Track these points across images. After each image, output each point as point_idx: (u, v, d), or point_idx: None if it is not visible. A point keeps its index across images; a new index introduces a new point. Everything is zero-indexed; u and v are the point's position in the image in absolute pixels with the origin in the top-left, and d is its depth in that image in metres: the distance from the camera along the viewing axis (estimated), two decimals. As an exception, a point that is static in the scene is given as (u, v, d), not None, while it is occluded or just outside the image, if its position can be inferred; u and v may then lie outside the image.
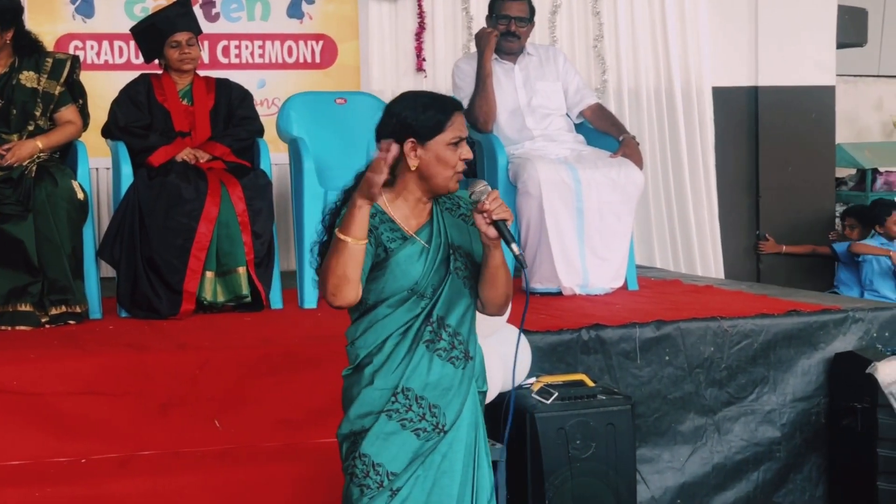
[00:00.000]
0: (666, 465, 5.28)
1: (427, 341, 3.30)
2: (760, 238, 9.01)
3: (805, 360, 5.52)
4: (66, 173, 5.56)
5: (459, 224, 3.38)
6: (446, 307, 3.32)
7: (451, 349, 3.32)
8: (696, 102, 8.58)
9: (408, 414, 3.29)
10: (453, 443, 3.32)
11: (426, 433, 3.30)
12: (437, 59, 8.00)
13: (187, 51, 6.00)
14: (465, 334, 3.36)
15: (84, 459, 4.46)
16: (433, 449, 3.30)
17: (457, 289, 3.34)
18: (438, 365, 3.31)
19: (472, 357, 3.38)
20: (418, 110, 3.30)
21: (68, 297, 5.48)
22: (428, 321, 3.30)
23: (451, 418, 3.32)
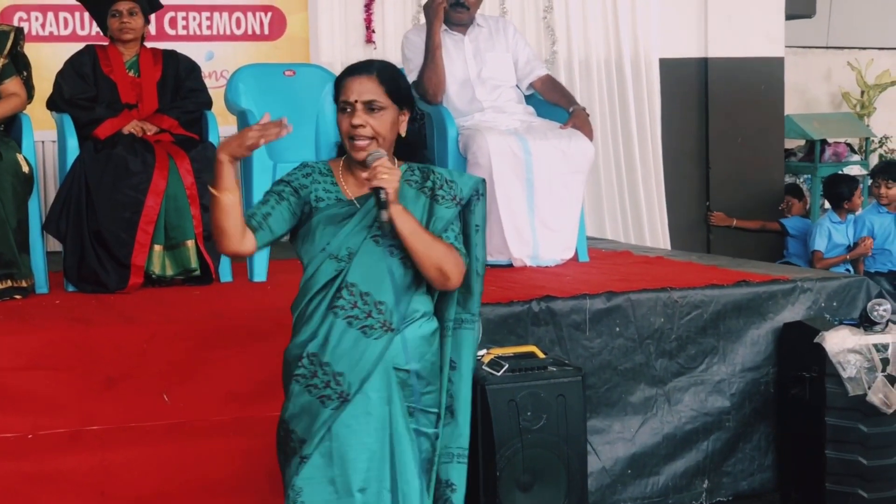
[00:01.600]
0: (617, 436, 5.30)
1: (336, 307, 3.29)
2: (709, 210, 9.06)
3: (754, 330, 5.55)
4: (11, 146, 5.48)
5: (411, 196, 3.37)
6: (361, 274, 3.29)
7: (364, 318, 3.28)
8: (645, 74, 8.61)
9: (313, 380, 3.29)
10: (359, 415, 3.28)
11: (331, 401, 3.28)
12: (386, 30, 7.98)
13: (126, 20, 5.92)
14: (390, 304, 3.30)
15: (31, 435, 4.42)
16: (336, 419, 3.27)
17: (377, 256, 3.31)
18: (350, 334, 3.28)
19: (394, 329, 3.31)
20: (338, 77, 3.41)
21: (14, 271, 5.41)
22: (341, 286, 3.28)
23: (355, 388, 3.28)
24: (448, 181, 3.41)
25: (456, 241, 3.38)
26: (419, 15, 7.87)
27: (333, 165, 3.43)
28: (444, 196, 3.39)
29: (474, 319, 3.53)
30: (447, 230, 3.37)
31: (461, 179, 3.44)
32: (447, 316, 3.48)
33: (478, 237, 3.48)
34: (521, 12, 8.30)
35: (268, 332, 4.78)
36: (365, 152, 3.31)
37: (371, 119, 3.32)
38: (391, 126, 3.37)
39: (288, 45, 7.75)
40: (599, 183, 8.40)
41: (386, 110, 3.34)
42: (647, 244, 8.35)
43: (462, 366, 3.50)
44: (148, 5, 6.05)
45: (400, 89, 3.39)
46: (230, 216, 3.26)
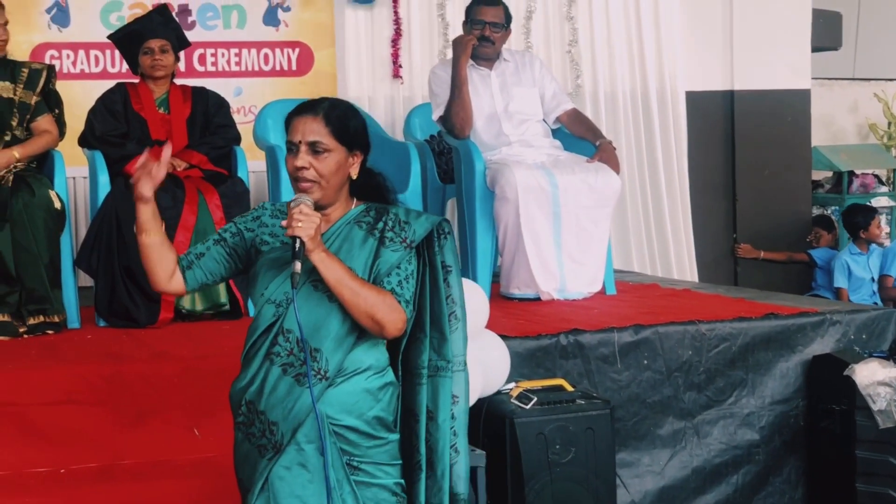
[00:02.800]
0: (646, 469, 5.29)
1: (273, 354, 3.16)
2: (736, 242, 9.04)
3: (783, 362, 5.54)
4: (44, 183, 5.54)
5: (357, 238, 3.23)
6: (300, 320, 3.11)
7: (299, 365, 3.13)
8: (671, 107, 8.60)
9: (251, 428, 3.18)
10: (293, 466, 3.15)
11: (266, 451, 3.16)
12: (413, 65, 8.01)
13: (158, 57, 5.98)
14: (326, 352, 3.14)
15: (63, 469, 4.44)
16: (271, 469, 3.15)
17: (315, 302, 3.16)
18: (284, 382, 3.14)
19: (329, 378, 3.14)
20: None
21: (46, 306, 5.46)
22: (280, 332, 3.16)
23: (288, 437, 3.14)
24: (401, 222, 3.24)
25: (399, 286, 3.19)
26: (446, 50, 7.91)
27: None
28: (392, 238, 3.21)
29: (452, 367, 3.34)
30: (390, 274, 3.18)
31: (417, 221, 3.25)
32: (419, 363, 3.32)
33: (452, 279, 3.33)
34: (547, 45, 8.32)
35: (297, 367, 4.80)
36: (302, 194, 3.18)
37: (315, 161, 3.17)
38: (337, 169, 3.20)
39: (315, 81, 7.79)
40: (626, 216, 8.40)
41: (331, 152, 3.18)
42: (674, 277, 8.34)
43: (439, 416, 3.33)
44: (177, 42, 6.12)
45: (348, 131, 3.22)
46: (151, 256, 3.26)
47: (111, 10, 7.40)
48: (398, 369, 3.34)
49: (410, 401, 3.34)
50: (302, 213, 3.08)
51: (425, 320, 3.32)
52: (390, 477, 3.25)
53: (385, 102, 7.96)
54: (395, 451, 3.28)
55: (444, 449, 3.34)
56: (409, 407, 3.34)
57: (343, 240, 3.23)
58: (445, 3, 8.04)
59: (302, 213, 3.08)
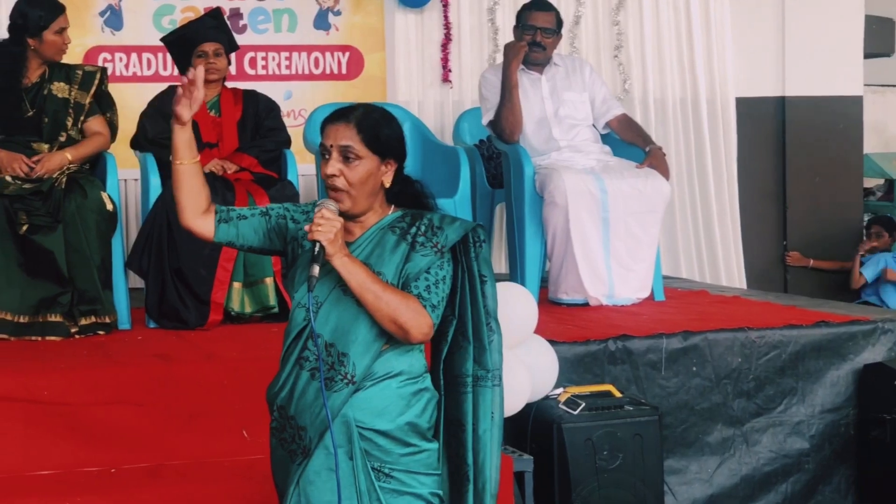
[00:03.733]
0: (694, 477, 5.27)
1: (302, 359, 3.15)
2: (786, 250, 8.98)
3: (834, 371, 5.51)
4: (96, 185, 5.59)
5: (394, 246, 3.18)
6: (328, 325, 3.12)
7: (327, 370, 3.10)
8: (721, 113, 8.57)
9: (283, 433, 3.17)
10: (321, 471, 3.12)
11: (297, 456, 3.14)
12: (462, 69, 8.02)
13: (213, 61, 6.03)
14: (355, 357, 3.11)
15: (113, 469, 4.48)
16: (302, 474, 3.13)
17: (345, 307, 3.13)
18: (310, 385, 3.12)
19: (356, 383, 3.11)
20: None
21: (97, 307, 5.51)
22: (308, 337, 3.13)
23: (315, 442, 3.11)
24: (434, 227, 3.18)
25: (426, 291, 3.13)
26: (496, 54, 7.92)
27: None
28: (423, 243, 3.16)
29: (491, 378, 3.27)
30: (418, 278, 3.13)
31: (451, 227, 3.20)
32: (463, 371, 3.27)
33: (488, 288, 3.25)
34: (595, 51, 8.30)
35: (346, 370, 4.82)
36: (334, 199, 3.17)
37: (346, 168, 3.14)
38: (367, 177, 3.16)
39: (365, 85, 7.82)
40: (675, 222, 8.37)
41: (362, 160, 3.15)
42: (722, 283, 8.30)
43: (480, 427, 3.26)
44: (229, 46, 6.16)
45: (379, 139, 3.17)
46: (182, 184, 3.22)
47: (164, 14, 7.46)
48: (440, 378, 3.29)
49: (455, 410, 3.29)
50: (323, 218, 3.06)
51: (468, 327, 3.28)
52: (425, 487, 3.19)
53: (434, 107, 7.97)
54: (433, 461, 3.23)
55: (483, 461, 3.28)
56: (455, 416, 3.29)
57: (375, 244, 3.20)
58: (496, 7, 8.04)
59: (323, 217, 3.07)
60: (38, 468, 4.43)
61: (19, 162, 5.55)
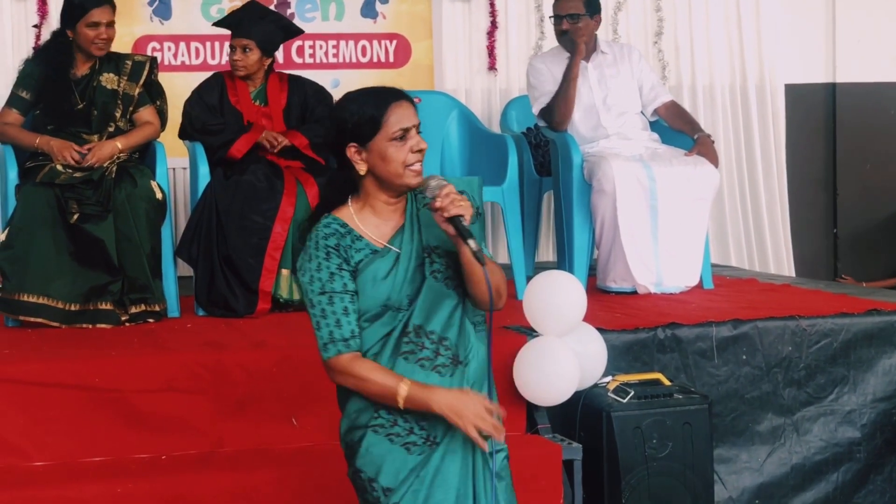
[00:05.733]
0: (743, 466, 5.25)
1: (406, 353, 3.14)
2: (838, 275, 8.88)
3: (886, 359, 5.46)
4: (145, 173, 5.62)
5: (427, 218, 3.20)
6: (425, 314, 3.14)
7: (434, 357, 3.14)
8: (770, 100, 8.51)
9: (394, 429, 3.15)
10: (446, 455, 3.15)
11: (417, 447, 3.14)
12: (510, 57, 8.00)
13: (238, 57, 6.00)
14: (454, 338, 3.17)
15: (164, 456, 4.52)
16: (425, 463, 3.14)
17: (437, 292, 3.17)
18: (422, 376, 3.12)
19: (462, 362, 3.19)
20: (353, 111, 3.17)
21: (147, 295, 5.54)
22: (405, 332, 3.14)
23: (443, 430, 3.14)
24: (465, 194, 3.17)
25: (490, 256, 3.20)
26: (542, 42, 7.90)
27: (343, 216, 3.21)
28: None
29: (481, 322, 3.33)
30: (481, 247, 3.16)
31: (469, 187, 3.28)
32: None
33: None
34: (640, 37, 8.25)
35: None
36: (420, 177, 3.16)
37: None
38: None
39: (413, 73, 7.81)
40: (724, 210, 8.33)
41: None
42: (771, 272, 8.25)
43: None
44: (272, 38, 6.12)
45: None
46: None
47: (212, 3, 7.48)
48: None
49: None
50: (455, 192, 3.07)
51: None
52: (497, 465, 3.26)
53: (482, 94, 7.96)
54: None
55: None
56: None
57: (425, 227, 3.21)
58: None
59: (454, 191, 3.07)
60: (89, 455, 4.48)
61: (70, 150, 5.59)
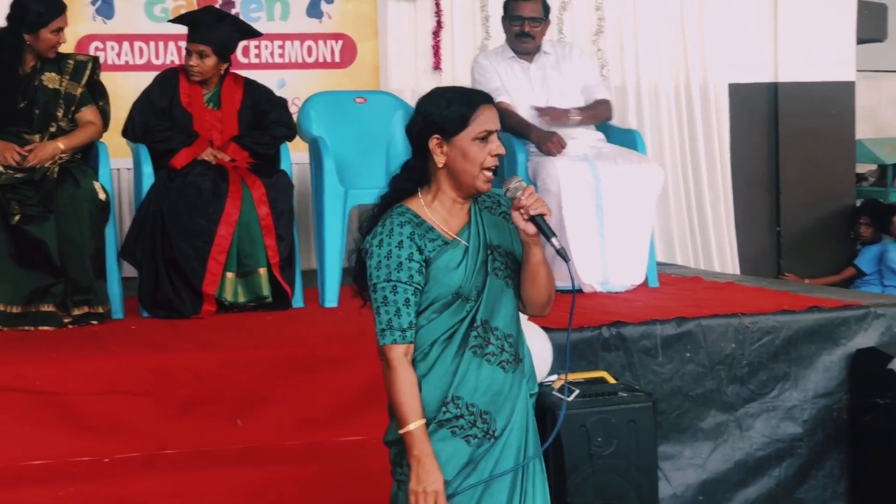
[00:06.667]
0: (688, 462, 5.28)
1: (474, 346, 3.19)
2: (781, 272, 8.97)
3: (826, 356, 5.51)
4: (88, 174, 5.58)
5: (499, 222, 3.28)
6: (490, 309, 3.21)
7: (500, 353, 3.22)
8: (714, 99, 8.58)
9: (458, 422, 3.18)
10: (504, 448, 3.22)
11: (477, 439, 3.19)
12: (455, 56, 8.01)
13: (194, 63, 5.96)
14: (516, 336, 3.28)
15: (107, 458, 4.49)
16: (484, 455, 3.20)
17: (498, 289, 3.24)
18: (487, 370, 3.19)
19: (521, 359, 3.29)
20: (443, 105, 3.21)
21: (90, 297, 5.50)
22: (473, 325, 3.20)
23: (502, 424, 3.22)
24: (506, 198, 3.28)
25: None
26: (487, 41, 7.91)
27: (414, 207, 3.25)
28: (508, 215, 3.27)
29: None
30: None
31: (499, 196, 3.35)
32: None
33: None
34: (584, 37, 8.28)
35: (340, 358, 4.83)
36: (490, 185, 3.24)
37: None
38: None
39: (358, 73, 7.81)
40: (669, 208, 8.38)
41: None
42: (716, 269, 8.31)
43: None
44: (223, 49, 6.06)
45: None
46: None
47: (155, 2, 7.44)
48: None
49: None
50: (534, 193, 3.15)
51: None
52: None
53: (427, 94, 7.95)
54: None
55: None
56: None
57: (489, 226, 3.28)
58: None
59: (534, 192, 3.16)
60: (31, 458, 4.44)
61: (11, 151, 5.54)
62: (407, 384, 3.14)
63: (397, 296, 3.15)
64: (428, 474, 3.10)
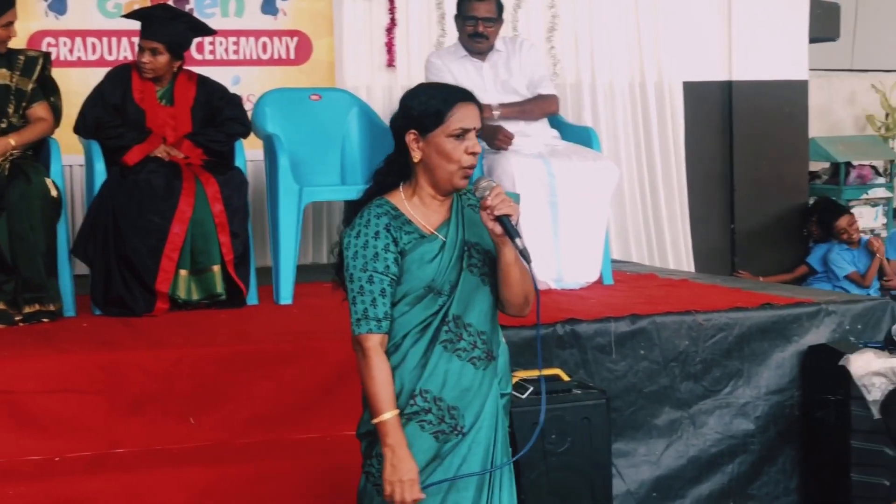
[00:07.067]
0: (642, 459, 5.30)
1: (445, 341, 3.21)
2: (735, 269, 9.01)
3: (779, 352, 5.54)
4: (40, 171, 5.53)
5: (480, 221, 3.27)
6: (463, 305, 3.23)
7: (471, 349, 3.23)
8: (669, 97, 8.61)
9: (426, 416, 3.20)
10: (472, 445, 3.23)
11: (444, 435, 3.21)
12: (411, 53, 7.99)
13: (147, 60, 5.91)
14: (489, 333, 3.28)
15: (58, 457, 4.46)
16: (451, 451, 3.21)
17: (473, 286, 3.25)
18: (457, 365, 3.21)
19: (494, 358, 3.30)
20: (422, 101, 3.25)
21: (42, 295, 5.45)
22: (445, 320, 3.21)
23: (471, 420, 3.23)
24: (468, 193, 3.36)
25: None
26: (443, 39, 7.90)
27: (394, 200, 3.27)
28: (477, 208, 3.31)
29: None
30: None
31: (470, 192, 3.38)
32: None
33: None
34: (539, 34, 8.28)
35: (294, 355, 4.82)
36: (467, 182, 3.26)
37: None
38: None
39: (314, 70, 7.78)
40: (624, 206, 8.40)
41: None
42: (671, 267, 8.34)
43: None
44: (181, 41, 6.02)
45: None
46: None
47: (108, -2, 7.39)
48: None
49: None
50: (504, 194, 3.17)
51: None
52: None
53: (382, 92, 7.94)
54: None
55: None
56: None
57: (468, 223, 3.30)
58: (443, -9, 8.02)
59: (502, 192, 3.18)
60: (-20, 457, 4.40)
61: (-39, 148, 5.49)
62: (381, 374, 3.16)
63: (373, 286, 3.17)
64: (402, 463, 3.12)
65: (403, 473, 3.11)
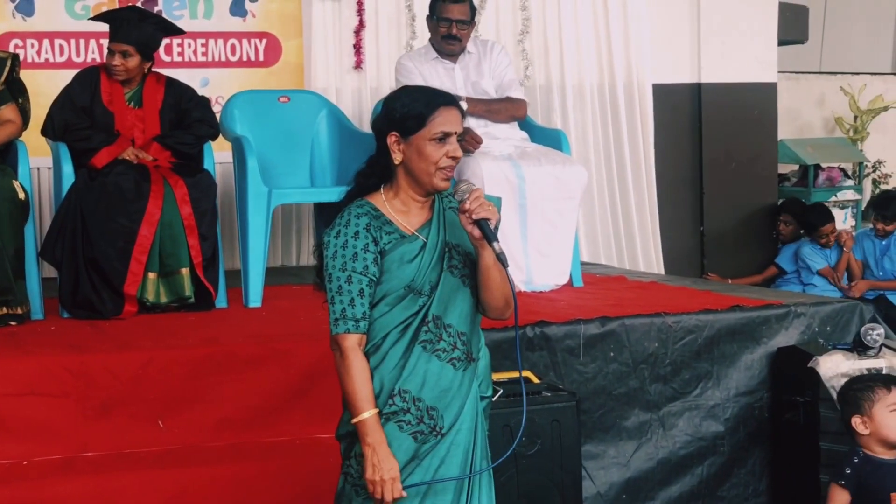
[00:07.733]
0: (611, 461, 5.30)
1: (424, 341, 3.21)
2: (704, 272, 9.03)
3: (748, 354, 5.56)
4: (7, 173, 5.49)
5: (458, 221, 3.27)
6: (443, 306, 3.23)
7: (451, 350, 3.24)
8: (638, 99, 8.62)
9: (405, 416, 3.20)
10: (451, 447, 3.23)
11: (423, 435, 3.21)
12: (380, 55, 7.98)
13: (117, 63, 5.87)
14: (469, 335, 3.28)
15: (26, 461, 4.43)
16: (430, 452, 3.21)
17: (453, 287, 3.26)
18: (437, 366, 3.22)
19: (475, 359, 3.31)
20: (404, 104, 3.26)
21: (9, 297, 5.41)
22: (425, 321, 3.21)
23: (449, 421, 3.23)
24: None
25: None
26: (413, 41, 7.90)
27: (375, 201, 3.28)
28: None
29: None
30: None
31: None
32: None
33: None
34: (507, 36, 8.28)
35: (263, 358, 4.80)
36: (448, 183, 3.27)
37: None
38: None
39: (283, 72, 7.76)
40: (593, 208, 8.42)
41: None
42: (640, 269, 8.36)
43: None
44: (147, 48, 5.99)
45: None
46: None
47: (76, 0, 7.34)
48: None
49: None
50: (482, 198, 3.17)
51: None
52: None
53: (352, 93, 7.93)
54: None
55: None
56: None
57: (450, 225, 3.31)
58: (413, -7, 8.01)
59: (482, 196, 3.17)
60: (-52, 461, 4.37)
61: (-73, 150, 5.45)
62: (360, 373, 3.17)
63: (352, 286, 3.18)
64: (383, 462, 3.13)
65: (385, 472, 3.12)
